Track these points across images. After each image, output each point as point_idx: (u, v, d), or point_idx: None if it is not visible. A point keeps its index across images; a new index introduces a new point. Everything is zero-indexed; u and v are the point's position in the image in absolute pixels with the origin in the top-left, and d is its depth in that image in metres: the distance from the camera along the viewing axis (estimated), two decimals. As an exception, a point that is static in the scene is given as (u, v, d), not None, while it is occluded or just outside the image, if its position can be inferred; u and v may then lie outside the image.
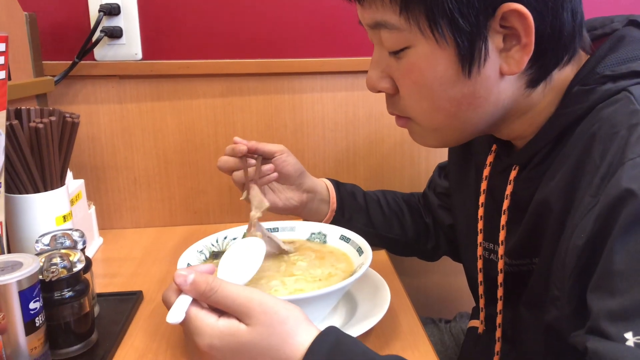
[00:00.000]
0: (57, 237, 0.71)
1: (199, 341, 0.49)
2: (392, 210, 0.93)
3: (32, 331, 0.58)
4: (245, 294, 0.50)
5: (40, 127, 0.76)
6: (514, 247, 0.66)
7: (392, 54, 0.59)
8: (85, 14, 1.03)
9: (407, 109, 0.63)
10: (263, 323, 0.49)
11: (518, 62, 0.55)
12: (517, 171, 0.65)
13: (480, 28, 0.54)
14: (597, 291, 0.46)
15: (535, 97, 0.60)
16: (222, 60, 1.07)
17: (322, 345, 0.48)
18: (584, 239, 0.49)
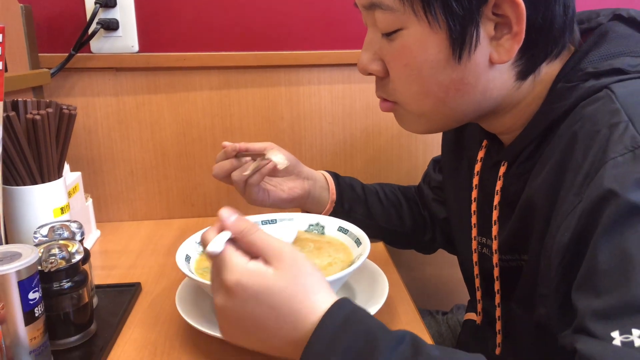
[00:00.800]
0: (55, 228, 0.71)
1: (228, 277, 0.49)
2: (390, 201, 0.94)
3: (31, 321, 0.58)
4: (279, 242, 0.51)
5: (37, 119, 0.76)
6: (505, 243, 0.66)
7: (384, 35, 0.60)
8: (81, 6, 1.02)
9: (396, 93, 0.63)
10: (290, 271, 0.49)
11: (508, 50, 0.56)
12: (506, 167, 0.65)
13: (473, 13, 0.54)
14: (582, 290, 0.46)
15: (524, 90, 0.60)
16: (219, 53, 1.07)
17: (340, 311, 0.48)
18: (567, 237, 0.49)
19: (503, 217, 0.67)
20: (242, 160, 0.80)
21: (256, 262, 0.50)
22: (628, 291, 0.41)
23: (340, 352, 0.45)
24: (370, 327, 0.47)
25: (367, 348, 0.45)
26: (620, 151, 0.47)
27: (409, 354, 0.44)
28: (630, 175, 0.45)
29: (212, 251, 0.50)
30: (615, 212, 0.44)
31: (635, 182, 0.44)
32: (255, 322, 0.49)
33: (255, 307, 0.49)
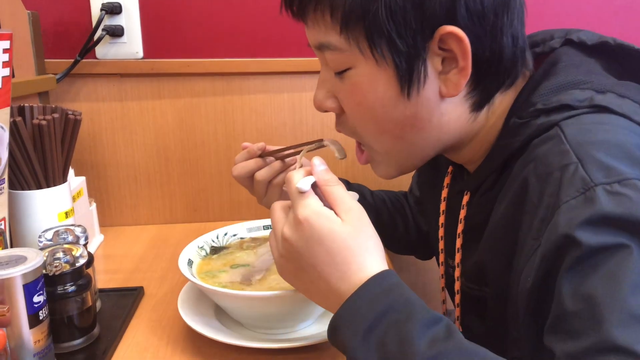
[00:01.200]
0: (59, 232, 0.72)
1: (301, 211, 0.53)
2: (396, 208, 0.94)
3: (35, 324, 0.58)
4: (352, 200, 0.55)
5: (43, 124, 0.77)
6: (469, 271, 0.66)
7: (336, 74, 0.60)
8: (87, 13, 1.04)
9: (355, 130, 0.63)
10: (355, 226, 0.53)
11: (456, 85, 0.55)
12: (469, 196, 0.65)
13: (419, 49, 0.54)
14: (554, 334, 0.46)
15: (480, 121, 0.60)
16: (222, 59, 1.08)
17: (386, 279, 0.51)
18: (530, 283, 0.49)
19: (468, 245, 0.66)
20: (267, 160, 0.79)
21: (329, 209, 0.54)
22: (599, 333, 0.41)
23: (378, 312, 0.48)
24: (412, 300, 0.49)
25: (403, 317, 0.47)
26: (572, 194, 0.47)
27: (442, 335, 0.46)
28: (582, 218, 0.45)
29: (301, 187, 0.54)
30: (573, 256, 0.44)
31: (588, 225, 0.44)
32: (310, 260, 0.52)
33: (315, 246, 0.52)
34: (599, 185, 0.46)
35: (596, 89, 0.55)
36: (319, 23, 0.57)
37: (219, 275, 0.72)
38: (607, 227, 0.44)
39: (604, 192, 0.45)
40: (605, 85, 0.55)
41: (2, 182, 0.70)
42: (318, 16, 0.57)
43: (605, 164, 0.47)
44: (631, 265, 0.42)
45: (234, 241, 0.82)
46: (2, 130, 0.69)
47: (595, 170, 0.47)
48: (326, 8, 0.56)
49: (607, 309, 0.41)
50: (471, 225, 0.66)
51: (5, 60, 0.68)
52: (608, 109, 0.53)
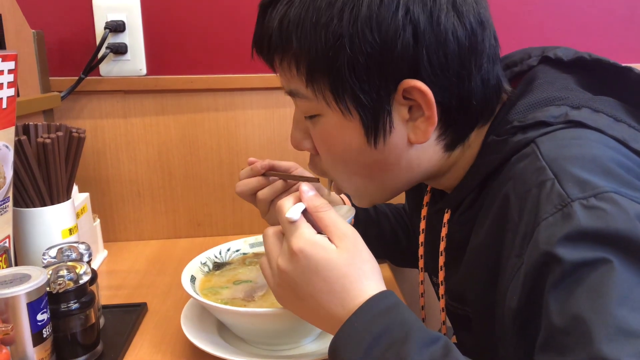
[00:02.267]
0: (63, 249, 0.73)
1: (294, 242, 0.53)
2: (398, 222, 0.94)
3: (39, 342, 0.59)
4: (346, 224, 0.55)
5: (47, 143, 0.78)
6: (452, 289, 0.66)
7: (306, 118, 0.60)
8: (91, 31, 1.05)
9: (327, 171, 0.64)
10: (351, 252, 0.53)
11: (424, 132, 0.55)
12: (450, 214, 0.65)
13: (383, 103, 0.54)
14: (545, 352, 0.45)
15: (455, 156, 0.60)
16: (224, 75, 1.09)
17: (384, 300, 0.51)
18: (516, 302, 0.49)
19: (451, 263, 0.66)
20: (270, 179, 0.79)
21: (322, 236, 0.54)
22: (589, 349, 0.41)
23: (376, 334, 0.48)
24: (409, 321, 0.49)
25: (401, 337, 0.47)
26: (550, 211, 0.47)
27: (439, 354, 0.46)
28: (561, 234, 0.45)
29: (291, 217, 0.54)
30: (556, 273, 0.44)
31: (567, 240, 0.44)
32: (308, 290, 0.53)
33: (312, 276, 0.52)
34: (576, 201, 0.46)
35: (571, 105, 0.55)
36: (286, 73, 0.58)
37: (222, 292, 0.72)
38: (585, 242, 0.44)
39: (581, 207, 0.45)
40: (580, 101, 0.55)
41: (6, 200, 0.71)
42: (285, 67, 0.58)
43: (580, 179, 0.47)
44: (613, 279, 0.42)
45: (237, 257, 0.83)
46: (7, 149, 0.70)
47: (571, 186, 0.47)
48: (292, 60, 0.56)
49: (594, 325, 0.41)
50: (452, 243, 0.66)
51: (10, 80, 0.69)
52: (582, 124, 0.53)
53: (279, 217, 0.56)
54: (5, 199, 0.71)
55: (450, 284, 0.66)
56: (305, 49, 0.54)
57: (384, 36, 0.51)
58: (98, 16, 1.04)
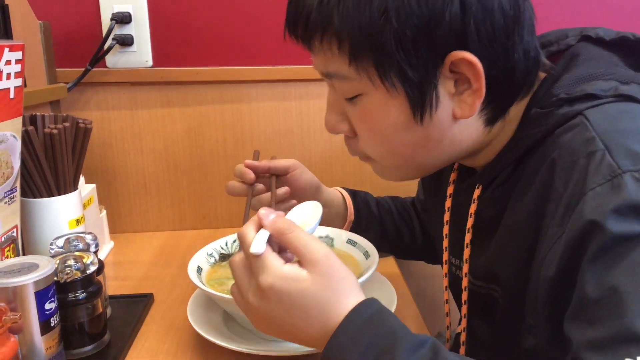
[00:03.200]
0: (70, 240, 0.73)
1: (263, 279, 0.50)
2: (402, 218, 0.94)
3: (47, 331, 0.59)
4: (315, 243, 0.52)
5: (54, 133, 0.78)
6: (477, 268, 0.66)
7: (346, 100, 0.59)
8: (97, 22, 1.05)
9: (366, 152, 0.63)
10: (324, 274, 0.50)
11: (470, 106, 0.55)
12: (481, 190, 0.65)
13: (430, 77, 0.54)
14: (575, 321, 0.46)
15: (495, 131, 0.60)
16: (231, 68, 1.09)
17: (367, 309, 0.50)
18: (553, 270, 0.49)
19: (477, 241, 0.66)
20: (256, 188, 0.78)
21: (291, 264, 0.52)
22: (621, 322, 0.41)
23: (363, 346, 0.47)
24: (394, 327, 0.48)
25: (388, 346, 0.47)
26: (599, 181, 0.46)
27: (428, 358, 0.46)
28: (609, 205, 0.44)
29: (256, 252, 0.51)
30: (598, 244, 0.44)
31: (615, 212, 0.44)
32: (286, 321, 0.51)
33: (288, 309, 0.50)
34: (627, 173, 0.45)
35: (619, 80, 0.55)
36: (326, 53, 0.56)
37: (228, 283, 0.72)
38: (633, 215, 0.44)
39: (632, 179, 0.45)
40: (628, 77, 0.55)
41: (14, 191, 0.71)
42: (325, 46, 0.56)
43: (632, 151, 0.47)
44: None
45: (243, 248, 0.83)
46: (15, 139, 0.70)
47: (623, 157, 0.47)
48: (333, 39, 0.55)
49: (629, 299, 0.41)
50: (481, 220, 0.65)
51: (17, 70, 0.69)
52: (633, 98, 0.53)
53: (243, 249, 0.53)
54: (12, 189, 0.71)
55: (475, 262, 0.66)
56: (347, 26, 0.53)
57: (432, 7, 0.51)
58: (104, 7, 1.04)
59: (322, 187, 0.87)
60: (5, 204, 0.70)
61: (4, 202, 0.69)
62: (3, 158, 0.68)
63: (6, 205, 0.70)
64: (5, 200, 0.70)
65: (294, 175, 0.81)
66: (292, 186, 0.81)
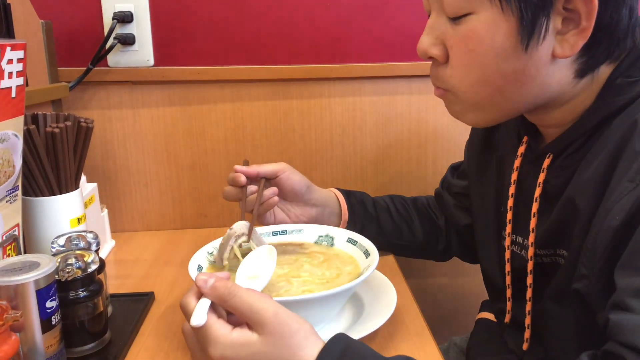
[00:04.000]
0: (72, 238, 0.73)
1: (212, 351, 0.50)
2: (401, 216, 0.94)
3: (48, 329, 0.59)
4: (261, 303, 0.51)
5: (56, 132, 0.78)
6: (542, 237, 0.67)
7: (451, 20, 0.60)
8: (99, 22, 1.05)
9: (452, 80, 0.63)
10: (275, 333, 0.50)
11: (572, 45, 0.56)
12: (551, 160, 0.66)
13: (547, 3, 0.55)
14: (624, 269, 0.48)
15: (580, 87, 0.61)
16: (232, 67, 1.09)
17: (335, 347, 0.50)
18: (619, 221, 0.51)
19: (541, 211, 0.67)
20: (246, 193, 0.83)
21: (240, 329, 0.51)
22: None
23: None
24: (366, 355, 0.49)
25: None
26: None
27: None
28: None
29: (197, 324, 0.50)
30: None
31: None
32: None
33: None
34: None
35: None
36: None
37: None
38: None
39: None
40: None
41: (15, 189, 0.72)
42: None
43: None
44: None
45: (243, 247, 0.83)
46: (16, 138, 0.70)
47: None
48: None
49: None
50: (546, 190, 0.66)
51: (19, 69, 0.69)
52: None
53: (187, 319, 0.52)
54: (14, 187, 0.71)
55: (539, 232, 0.67)
56: None
57: None
58: (106, 7, 1.04)
59: (313, 187, 0.89)
60: (7, 202, 0.70)
61: (5, 201, 0.70)
62: (5, 157, 0.69)
63: (8, 204, 0.70)
64: (7, 199, 0.70)
65: (282, 178, 0.85)
66: (282, 188, 0.85)
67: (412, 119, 1.16)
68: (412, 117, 1.15)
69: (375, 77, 1.12)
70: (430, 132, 1.16)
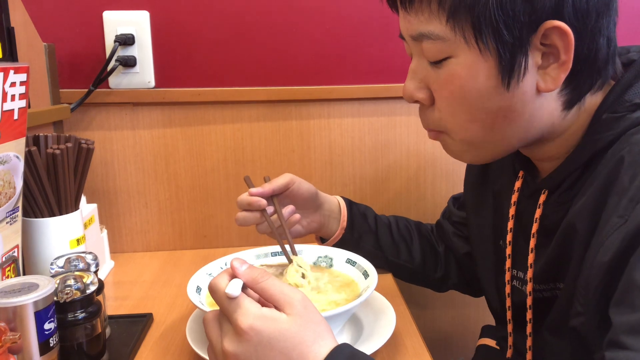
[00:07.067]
0: (71, 259, 0.73)
1: (242, 320, 0.51)
2: (401, 235, 0.95)
3: (46, 351, 0.59)
4: (291, 288, 0.54)
5: (57, 153, 0.79)
6: (540, 271, 0.67)
7: (432, 64, 0.61)
8: (101, 44, 1.07)
9: (442, 121, 0.64)
10: (303, 316, 0.52)
11: (555, 79, 0.57)
12: (547, 195, 0.66)
13: (523, 42, 0.56)
14: (617, 306, 0.48)
15: (569, 119, 0.62)
16: (232, 88, 1.10)
17: (340, 354, 0.51)
18: (609, 257, 0.50)
19: (539, 246, 0.67)
20: (267, 214, 0.81)
21: (269, 308, 0.53)
22: None
23: None
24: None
25: None
26: None
27: None
28: None
29: (231, 294, 0.52)
30: None
31: None
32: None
33: (267, 351, 0.51)
34: None
35: None
36: (424, 11, 0.59)
37: (227, 302, 0.72)
38: None
39: None
40: None
41: (16, 211, 0.72)
42: (424, 5, 0.58)
43: None
44: None
45: (242, 268, 0.83)
46: (17, 159, 0.71)
47: None
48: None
49: None
50: (544, 225, 0.66)
51: (22, 92, 0.70)
52: None
53: (216, 297, 0.54)
54: (14, 209, 0.72)
55: (537, 267, 0.67)
56: None
57: None
58: (108, 30, 1.06)
59: (320, 193, 0.90)
60: (7, 223, 0.70)
61: (5, 222, 0.70)
62: (6, 178, 0.69)
63: (8, 225, 0.70)
64: (7, 220, 0.70)
65: (292, 189, 0.85)
66: (293, 199, 0.85)
67: (410, 141, 1.16)
68: (410, 139, 1.16)
69: (374, 99, 1.14)
70: (429, 153, 1.17)
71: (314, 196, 0.87)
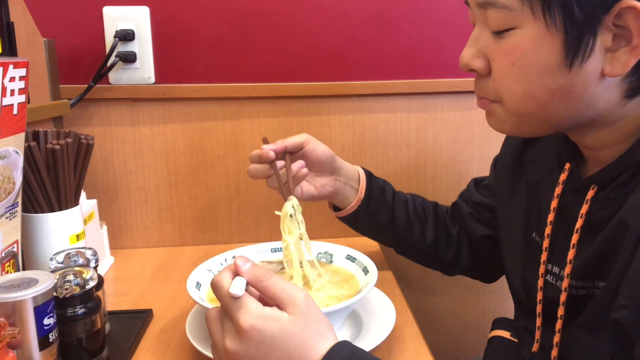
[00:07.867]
0: (70, 255, 0.73)
1: (244, 319, 0.51)
2: (417, 214, 0.93)
3: (45, 347, 0.59)
4: (293, 287, 0.54)
5: (56, 149, 0.79)
6: (579, 268, 0.65)
7: (495, 33, 0.59)
8: (101, 40, 1.07)
9: (497, 92, 0.62)
10: (305, 315, 0.52)
11: (623, 64, 0.54)
12: (596, 191, 0.63)
13: (594, 21, 0.53)
14: None
15: (629, 108, 0.59)
16: (232, 84, 1.10)
17: (340, 351, 0.51)
18: None
19: (580, 242, 0.65)
20: (277, 167, 0.80)
21: (271, 308, 0.53)
22: None
23: None
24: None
25: None
26: None
27: None
28: None
29: (236, 293, 0.52)
30: None
31: None
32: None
33: (269, 351, 0.51)
34: None
35: None
36: None
37: (227, 298, 0.72)
38: None
39: None
40: None
41: (15, 206, 0.72)
42: None
43: None
44: None
45: (242, 264, 0.83)
46: (17, 155, 0.71)
47: None
48: None
49: None
50: (589, 221, 0.64)
51: (21, 87, 0.70)
52: None
53: (219, 295, 0.54)
54: (14, 204, 0.71)
55: (576, 264, 0.65)
56: None
57: None
58: (108, 25, 1.06)
59: (338, 158, 0.89)
60: (7, 219, 0.70)
61: (5, 217, 0.70)
62: (5, 173, 0.69)
63: (7, 220, 0.70)
64: (6, 216, 0.70)
65: (307, 149, 0.84)
66: (308, 159, 0.84)
67: (410, 137, 1.16)
68: (410, 135, 1.16)
69: (374, 95, 1.13)
70: (430, 149, 1.17)
71: (330, 159, 0.86)
